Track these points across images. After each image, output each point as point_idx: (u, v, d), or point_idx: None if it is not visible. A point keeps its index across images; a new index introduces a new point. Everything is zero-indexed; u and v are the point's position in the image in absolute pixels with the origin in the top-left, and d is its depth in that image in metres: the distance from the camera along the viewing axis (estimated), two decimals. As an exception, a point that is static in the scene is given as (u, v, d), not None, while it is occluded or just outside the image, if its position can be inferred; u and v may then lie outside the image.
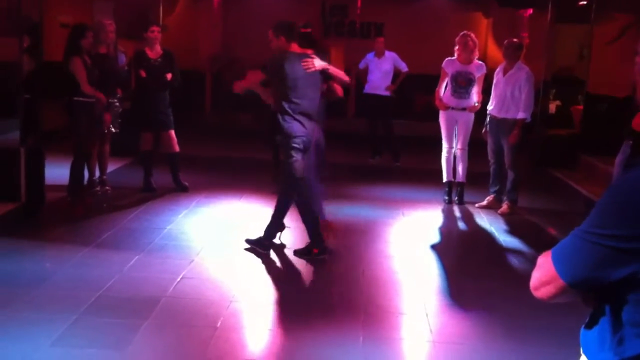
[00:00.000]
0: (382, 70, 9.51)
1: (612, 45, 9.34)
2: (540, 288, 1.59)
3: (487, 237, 6.47)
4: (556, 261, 1.55)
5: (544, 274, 1.58)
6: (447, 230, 6.60)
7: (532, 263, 5.54)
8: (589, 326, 1.60)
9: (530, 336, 4.16)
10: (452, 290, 4.97)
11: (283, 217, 5.48)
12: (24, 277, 4.68)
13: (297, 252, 5.41)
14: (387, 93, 9.56)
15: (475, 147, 7.57)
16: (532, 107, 6.97)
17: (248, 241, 5.51)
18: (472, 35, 7.27)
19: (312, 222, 5.34)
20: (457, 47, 7.18)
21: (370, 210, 7.10)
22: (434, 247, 6.00)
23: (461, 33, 7.26)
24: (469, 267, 5.50)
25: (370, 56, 9.67)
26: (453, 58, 7.24)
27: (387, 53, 9.56)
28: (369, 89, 9.65)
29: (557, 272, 1.53)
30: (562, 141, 9.73)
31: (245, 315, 4.31)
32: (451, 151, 7.44)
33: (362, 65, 9.78)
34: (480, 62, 7.30)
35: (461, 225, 6.83)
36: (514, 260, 5.77)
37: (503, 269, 5.48)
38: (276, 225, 5.47)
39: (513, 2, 10.81)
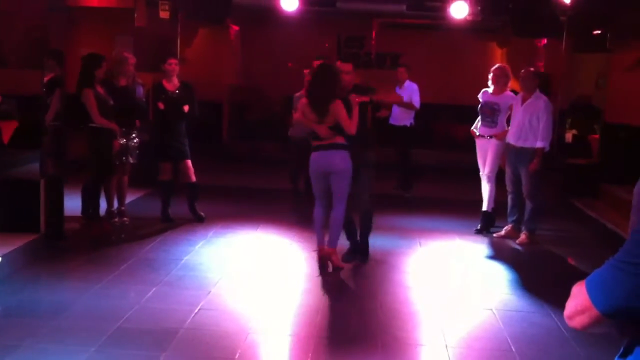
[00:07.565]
0: None
1: (629, 73, 9.32)
2: (575, 317, 1.57)
3: (505, 268, 6.41)
4: (590, 290, 1.53)
5: (578, 304, 1.55)
6: (465, 260, 6.54)
7: (551, 293, 5.43)
8: (624, 355, 1.57)
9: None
10: (471, 320, 4.92)
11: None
12: (43, 308, 4.70)
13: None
14: (407, 123, 9.36)
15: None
16: (550, 136, 7.01)
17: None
18: (504, 67, 7.47)
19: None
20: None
21: (386, 240, 7.06)
22: (451, 277, 5.95)
23: (495, 66, 7.51)
24: (487, 298, 5.43)
25: (397, 88, 9.39)
26: (489, 89, 7.42)
27: (407, 83, 9.33)
28: (391, 120, 9.36)
29: (592, 302, 1.51)
30: (581, 170, 9.65)
31: (263, 347, 4.29)
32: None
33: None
34: (511, 94, 7.41)
35: (479, 255, 6.77)
36: (533, 291, 5.69)
37: (523, 299, 5.40)
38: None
39: (528, 32, 10.83)
